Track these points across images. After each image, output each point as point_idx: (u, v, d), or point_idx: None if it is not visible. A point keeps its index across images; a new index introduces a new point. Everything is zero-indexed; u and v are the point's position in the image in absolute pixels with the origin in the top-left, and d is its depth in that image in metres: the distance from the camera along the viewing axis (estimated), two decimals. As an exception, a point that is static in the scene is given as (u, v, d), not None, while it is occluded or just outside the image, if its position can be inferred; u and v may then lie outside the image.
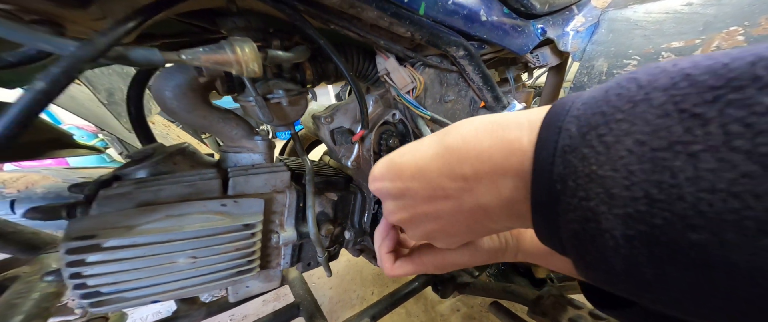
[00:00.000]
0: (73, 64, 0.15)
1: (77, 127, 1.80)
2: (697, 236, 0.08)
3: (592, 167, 0.10)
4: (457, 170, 0.14)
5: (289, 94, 0.32)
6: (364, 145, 0.40)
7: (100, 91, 0.60)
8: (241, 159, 0.34)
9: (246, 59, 0.23)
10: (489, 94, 0.45)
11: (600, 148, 0.09)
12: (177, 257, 0.25)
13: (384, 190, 0.18)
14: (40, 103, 0.15)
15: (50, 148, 0.41)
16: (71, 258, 0.21)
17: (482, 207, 0.14)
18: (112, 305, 0.23)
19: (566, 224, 0.11)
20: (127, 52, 0.18)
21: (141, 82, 0.35)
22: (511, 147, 0.13)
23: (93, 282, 0.22)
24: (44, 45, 0.15)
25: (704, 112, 0.08)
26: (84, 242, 0.21)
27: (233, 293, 0.35)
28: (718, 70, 0.08)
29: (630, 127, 0.09)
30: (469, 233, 0.17)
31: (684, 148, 0.08)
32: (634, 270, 0.09)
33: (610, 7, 0.50)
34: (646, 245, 0.09)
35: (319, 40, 0.29)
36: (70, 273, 0.21)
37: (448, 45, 0.36)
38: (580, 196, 0.10)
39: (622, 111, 0.09)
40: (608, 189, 0.09)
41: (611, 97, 0.10)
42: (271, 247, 0.35)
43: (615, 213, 0.09)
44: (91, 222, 0.22)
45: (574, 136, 0.10)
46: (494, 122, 0.14)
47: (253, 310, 0.93)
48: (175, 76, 0.27)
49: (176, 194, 0.26)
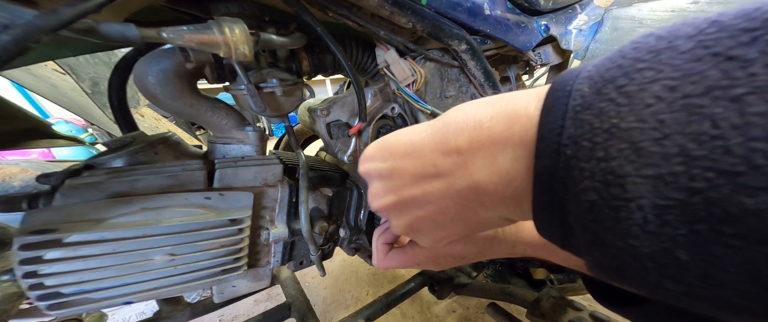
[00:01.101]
0: (28, 31, 0.13)
1: (66, 121, 1.74)
2: (754, 200, 0.06)
3: (613, 120, 0.08)
4: (451, 143, 0.13)
5: (283, 84, 0.30)
6: (361, 140, 0.39)
7: (84, 81, 0.57)
8: (230, 150, 0.32)
9: (235, 41, 0.21)
10: (490, 91, 0.44)
11: (621, 100, 0.08)
12: (152, 254, 0.23)
13: (372, 170, 0.16)
14: None
15: (27, 139, 0.38)
16: (25, 255, 0.19)
17: (476, 186, 0.13)
18: (75, 307, 0.21)
19: (578, 194, 0.09)
20: (98, 25, 0.16)
21: (124, 69, 0.33)
22: (515, 114, 0.12)
23: (51, 282, 0.20)
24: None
25: (743, 54, 0.07)
26: (42, 237, 0.19)
27: (218, 293, 0.33)
28: (751, 13, 0.07)
29: (656, 74, 0.08)
30: (457, 223, 0.15)
31: (724, 93, 0.07)
32: (665, 255, 0.07)
33: (614, 5, 0.49)
34: (684, 219, 0.07)
35: (317, 27, 0.27)
36: (24, 272, 0.19)
37: (450, 38, 0.35)
38: (598, 156, 0.08)
39: (643, 61, 0.08)
40: (635, 143, 0.08)
41: (627, 52, 0.09)
42: (260, 244, 0.33)
43: (644, 174, 0.07)
44: (52, 214, 0.20)
45: (587, 95, 0.09)
46: (502, 96, 0.13)
47: (243, 310, 0.90)
48: (160, 60, 0.25)
49: (155, 185, 0.24)
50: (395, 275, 1.03)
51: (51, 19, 0.14)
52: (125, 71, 0.33)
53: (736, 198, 0.06)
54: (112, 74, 0.33)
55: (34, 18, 0.13)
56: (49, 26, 0.14)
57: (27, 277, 0.19)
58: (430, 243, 0.17)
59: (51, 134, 0.41)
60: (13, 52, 0.13)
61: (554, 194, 0.10)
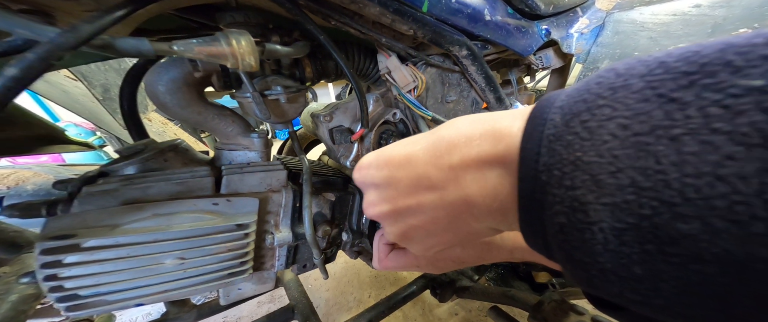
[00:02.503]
0: (52, 50, 0.14)
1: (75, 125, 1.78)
2: (687, 226, 0.07)
3: (577, 154, 0.09)
4: (445, 159, 0.14)
5: (287, 91, 0.31)
6: (363, 145, 0.39)
7: (96, 87, 0.59)
8: (236, 157, 0.33)
9: (242, 52, 0.22)
10: (491, 95, 0.44)
11: (584, 134, 0.09)
12: (163, 258, 0.24)
13: (368, 178, 0.17)
14: (12, 91, 0.14)
15: (42, 144, 0.39)
16: (46, 259, 0.20)
17: (467, 200, 0.14)
18: (91, 308, 0.22)
19: (552, 217, 0.10)
20: (114, 41, 0.17)
21: (135, 77, 0.34)
22: (500, 134, 0.13)
23: (70, 285, 0.21)
24: (22, 30, 0.14)
25: (682, 96, 0.08)
26: (61, 242, 0.20)
27: (225, 295, 0.34)
28: (690, 57, 0.08)
29: (612, 112, 0.09)
30: (448, 233, 0.16)
31: (665, 132, 0.08)
32: (623, 269, 0.09)
33: (615, 8, 0.49)
34: (637, 239, 0.08)
35: (320, 35, 0.28)
36: (44, 275, 0.20)
37: (451, 44, 0.36)
38: (566, 185, 0.10)
39: (603, 97, 0.09)
40: (594, 176, 0.09)
41: (592, 86, 0.10)
42: (265, 248, 0.34)
43: (603, 202, 0.09)
44: (70, 220, 0.21)
45: (558, 125, 0.10)
46: (491, 115, 0.14)
47: (247, 312, 0.91)
48: (169, 70, 0.26)
49: (165, 192, 0.25)
50: (397, 278, 1.04)
51: (71, 36, 0.15)
52: (136, 79, 0.34)
53: (674, 224, 0.07)
54: (124, 82, 0.34)
55: (56, 36, 0.14)
56: (70, 44, 0.15)
57: (47, 280, 0.20)
58: (421, 250, 0.17)
59: (65, 140, 0.42)
60: (38, 70, 0.14)
61: (535, 214, 0.11)
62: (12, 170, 0.50)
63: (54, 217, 0.21)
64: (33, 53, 0.14)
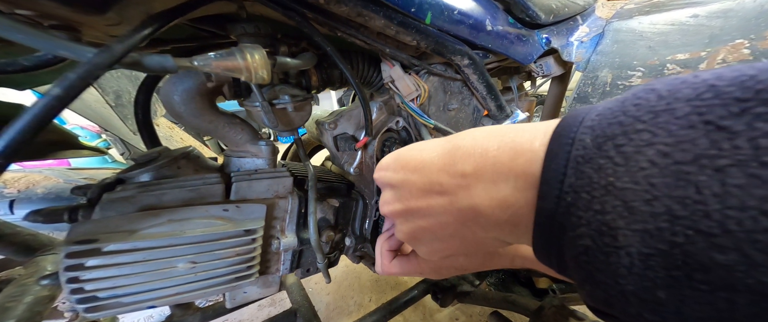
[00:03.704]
0: (90, 70, 0.15)
1: (81, 128, 1.81)
2: (724, 256, 0.07)
3: (610, 179, 0.09)
4: (458, 166, 0.14)
5: (294, 100, 0.32)
6: (366, 152, 0.40)
7: (108, 93, 0.61)
8: (244, 163, 0.34)
9: (255, 66, 0.23)
10: (492, 103, 0.45)
11: (618, 159, 0.09)
12: (177, 262, 0.25)
13: (386, 178, 0.18)
14: (55, 109, 0.15)
15: (56, 149, 0.41)
16: (70, 262, 0.21)
17: (475, 208, 0.14)
18: (108, 309, 0.23)
19: (575, 239, 0.10)
20: (141, 58, 0.18)
21: (149, 86, 0.35)
22: (520, 148, 0.12)
23: (90, 287, 0.22)
24: (64, 52, 0.15)
25: (731, 125, 0.07)
26: (84, 246, 0.21)
27: (231, 298, 0.34)
28: (746, 81, 0.08)
29: (652, 137, 0.09)
30: (455, 240, 0.16)
31: (710, 162, 0.07)
32: (646, 292, 0.09)
33: (615, 18, 0.50)
34: (664, 265, 0.08)
35: (327, 47, 0.29)
36: (67, 278, 0.21)
37: (453, 54, 0.37)
38: (595, 209, 0.09)
39: (643, 121, 0.09)
40: (627, 202, 0.09)
41: (629, 108, 0.10)
42: (271, 253, 0.35)
43: (633, 229, 0.09)
44: (93, 226, 0.22)
45: (589, 147, 0.10)
46: (510, 128, 0.14)
47: (248, 315, 0.91)
48: (184, 80, 0.28)
49: (179, 198, 0.26)
50: (398, 282, 1.03)
51: (106, 56, 0.16)
52: (150, 88, 0.36)
53: (709, 253, 0.07)
54: (138, 91, 0.35)
55: (94, 56, 0.16)
56: (105, 63, 0.16)
57: (70, 282, 0.21)
58: (427, 254, 0.18)
59: (77, 145, 0.43)
60: (79, 89, 0.15)
61: (553, 233, 0.11)
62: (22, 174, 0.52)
63: (78, 222, 0.22)
64: (74, 74, 0.15)
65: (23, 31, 0.14)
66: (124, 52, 0.16)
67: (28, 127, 0.14)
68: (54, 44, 0.15)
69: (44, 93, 0.15)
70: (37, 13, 0.20)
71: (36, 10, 0.19)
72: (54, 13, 0.20)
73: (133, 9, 0.24)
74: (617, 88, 0.46)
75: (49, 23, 0.21)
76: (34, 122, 0.14)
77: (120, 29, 0.25)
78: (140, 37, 0.18)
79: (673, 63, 0.41)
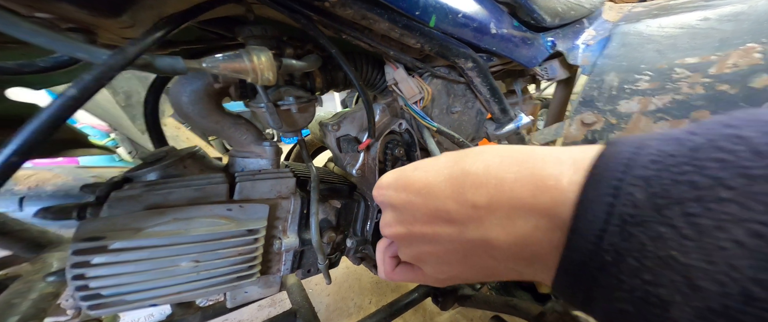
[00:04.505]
0: (105, 72, 0.16)
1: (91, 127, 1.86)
2: None
3: (672, 253, 0.07)
4: (468, 196, 0.13)
5: (299, 101, 0.32)
6: (369, 154, 0.40)
7: (119, 94, 0.62)
8: (248, 164, 0.34)
9: (262, 68, 0.23)
10: (496, 106, 0.45)
11: (688, 232, 0.07)
12: (180, 260, 0.25)
13: (387, 198, 0.17)
14: (70, 109, 0.15)
15: (67, 147, 0.42)
16: (77, 259, 0.21)
17: (487, 242, 0.13)
18: (111, 307, 0.23)
19: (610, 298, 0.09)
20: (153, 60, 0.18)
21: (159, 87, 0.36)
22: (544, 183, 0.11)
23: (95, 284, 0.22)
24: (81, 54, 0.16)
25: None
26: (92, 244, 0.22)
27: (231, 298, 0.35)
28: None
29: (742, 212, 0.07)
30: (463, 265, 0.15)
31: None
32: None
33: (622, 21, 0.50)
34: None
35: (332, 49, 0.30)
36: (73, 274, 0.21)
37: (456, 56, 0.37)
38: (644, 278, 0.08)
39: (730, 187, 0.07)
40: (693, 280, 0.07)
41: (706, 162, 0.08)
42: (272, 253, 0.35)
43: (693, 305, 0.07)
44: (100, 223, 0.22)
45: (643, 207, 0.08)
46: (527, 154, 0.12)
47: (248, 315, 0.92)
48: (192, 82, 0.28)
49: (185, 198, 0.26)
50: (399, 285, 1.03)
51: (120, 58, 0.16)
52: (159, 89, 0.37)
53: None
54: (148, 92, 0.36)
55: (108, 57, 0.16)
56: (119, 65, 0.16)
57: (76, 279, 0.21)
58: (433, 273, 0.17)
59: (87, 144, 0.45)
60: (93, 90, 0.15)
61: (582, 283, 0.10)
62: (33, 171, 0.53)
63: (86, 220, 0.23)
64: (89, 75, 0.15)
65: (44, 34, 0.15)
66: (137, 54, 0.17)
67: (44, 126, 0.15)
68: (72, 47, 0.15)
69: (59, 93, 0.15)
70: (55, 17, 0.20)
71: (55, 14, 0.20)
72: (71, 16, 0.21)
73: (145, 12, 0.25)
74: (624, 92, 0.45)
75: (67, 26, 0.21)
76: (49, 122, 0.15)
77: (133, 31, 0.25)
78: (152, 39, 0.18)
79: (682, 67, 0.40)
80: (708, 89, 0.38)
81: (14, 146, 0.14)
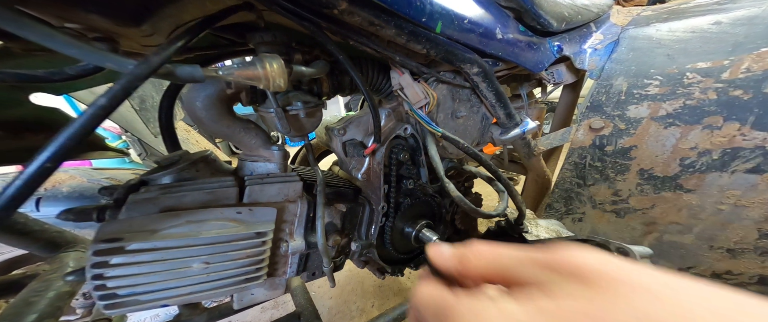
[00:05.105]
0: (131, 81, 0.17)
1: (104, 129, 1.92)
2: None
3: None
4: None
5: (306, 106, 0.33)
6: (374, 159, 0.40)
7: (134, 98, 0.64)
8: (257, 167, 0.35)
9: (273, 75, 0.24)
10: (501, 111, 0.44)
11: None
12: (192, 262, 0.26)
13: None
14: (100, 117, 0.16)
15: (84, 150, 0.44)
16: (97, 259, 0.22)
17: None
18: (125, 307, 0.24)
19: None
20: (174, 69, 0.19)
21: (173, 92, 0.38)
22: None
23: (112, 284, 0.23)
24: (110, 64, 0.17)
25: None
26: (111, 244, 0.22)
27: (238, 300, 0.35)
28: None
29: None
30: None
31: None
32: None
33: (631, 24, 0.49)
34: None
35: (339, 55, 0.30)
36: (93, 274, 0.22)
37: (462, 62, 0.37)
38: None
39: None
40: None
41: None
42: (279, 255, 0.35)
43: None
44: (119, 225, 0.23)
45: None
46: None
47: (251, 317, 0.92)
48: (206, 88, 0.29)
49: (197, 201, 0.27)
50: (401, 289, 1.02)
51: (145, 67, 0.17)
52: (174, 94, 0.38)
53: None
54: (163, 96, 0.37)
55: (134, 67, 0.17)
56: (144, 74, 0.17)
57: (95, 278, 0.22)
58: None
59: (103, 146, 0.46)
60: (121, 99, 0.16)
61: None
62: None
63: (106, 222, 0.24)
64: (117, 85, 0.16)
65: (76, 45, 0.16)
66: (161, 63, 0.18)
67: (77, 133, 0.15)
68: (101, 57, 0.16)
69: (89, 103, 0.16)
70: (83, 27, 0.22)
71: (83, 24, 0.21)
72: (98, 26, 0.22)
73: (164, 21, 0.26)
74: (633, 97, 0.44)
75: (92, 35, 0.23)
76: (81, 129, 0.16)
77: (152, 40, 0.27)
78: (174, 48, 0.19)
79: (693, 71, 0.40)
80: (721, 94, 0.37)
81: (49, 153, 0.15)
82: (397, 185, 0.44)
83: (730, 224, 0.39)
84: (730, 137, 0.37)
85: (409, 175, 0.45)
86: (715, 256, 0.42)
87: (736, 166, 0.37)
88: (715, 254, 0.42)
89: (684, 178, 0.40)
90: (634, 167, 0.45)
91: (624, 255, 0.32)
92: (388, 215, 0.45)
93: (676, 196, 0.41)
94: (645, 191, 0.44)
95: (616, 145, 0.46)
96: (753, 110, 0.36)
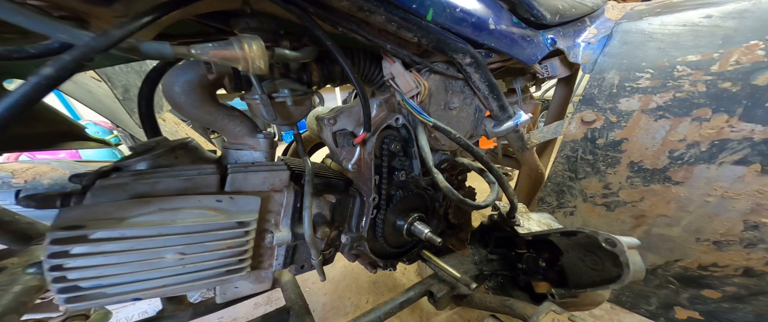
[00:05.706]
0: (85, 52, 0.15)
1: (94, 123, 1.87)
2: None
3: None
4: None
5: (294, 94, 0.32)
6: (365, 149, 0.40)
7: (117, 88, 0.62)
8: (242, 156, 0.34)
9: (253, 56, 0.23)
10: (495, 103, 0.44)
11: None
12: (165, 252, 0.24)
13: None
14: (45, 88, 0.15)
15: (63, 140, 0.41)
16: (55, 249, 0.21)
17: None
18: (89, 301, 0.22)
19: None
20: (139, 44, 0.18)
21: (153, 79, 0.36)
22: None
23: (73, 276, 0.21)
24: (62, 34, 0.15)
25: None
26: (71, 233, 0.21)
27: (221, 293, 0.34)
28: None
29: None
30: None
31: None
32: None
33: (624, 18, 0.49)
34: None
35: (327, 41, 0.29)
36: (50, 265, 0.21)
37: (454, 52, 0.36)
38: None
39: None
40: None
41: None
42: (264, 247, 0.34)
43: None
44: (82, 212, 0.22)
45: None
46: None
47: (243, 313, 0.91)
48: (185, 72, 0.28)
49: (173, 188, 0.26)
50: (396, 284, 1.02)
51: (103, 40, 0.16)
52: (155, 80, 0.36)
53: None
54: (143, 83, 0.36)
55: (90, 39, 0.16)
56: (101, 46, 0.16)
57: (52, 270, 0.21)
58: None
59: (83, 137, 0.44)
60: (71, 70, 0.15)
61: None
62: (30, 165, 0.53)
63: (68, 208, 0.22)
64: (68, 55, 0.15)
65: (21, 12, 0.14)
66: (121, 38, 0.16)
67: (17, 105, 0.14)
68: (51, 26, 0.15)
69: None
70: (47, 4, 0.20)
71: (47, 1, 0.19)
72: (64, 3, 0.21)
73: (139, 1, 0.24)
74: (624, 90, 0.44)
75: (60, 14, 0.21)
76: (22, 101, 0.14)
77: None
78: (139, 24, 0.18)
79: (683, 65, 0.40)
80: (710, 87, 0.37)
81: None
82: (389, 177, 0.43)
83: (716, 216, 0.39)
84: (718, 129, 0.37)
85: (401, 167, 0.44)
86: (701, 248, 0.42)
87: (724, 157, 0.37)
88: (701, 246, 0.42)
89: (673, 170, 0.41)
90: (625, 159, 0.45)
91: (612, 246, 0.32)
92: (380, 207, 0.44)
93: (664, 188, 0.42)
94: (634, 183, 0.45)
95: (607, 138, 0.46)
96: (741, 102, 0.36)
